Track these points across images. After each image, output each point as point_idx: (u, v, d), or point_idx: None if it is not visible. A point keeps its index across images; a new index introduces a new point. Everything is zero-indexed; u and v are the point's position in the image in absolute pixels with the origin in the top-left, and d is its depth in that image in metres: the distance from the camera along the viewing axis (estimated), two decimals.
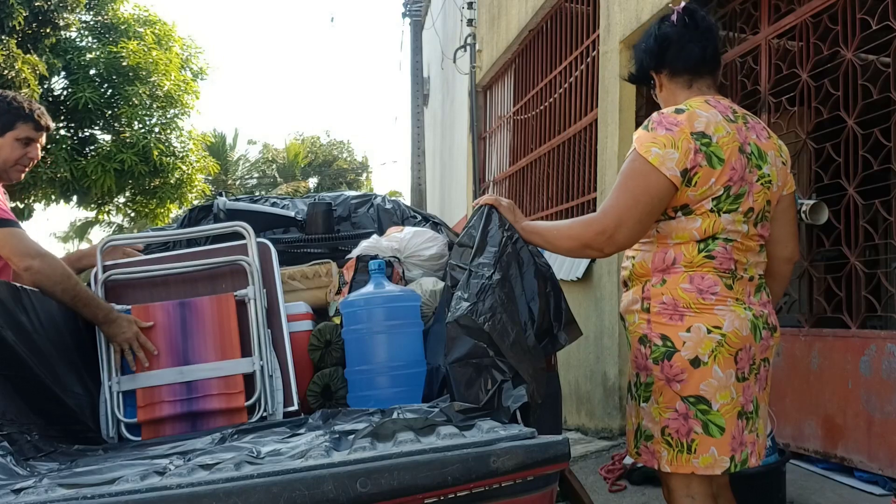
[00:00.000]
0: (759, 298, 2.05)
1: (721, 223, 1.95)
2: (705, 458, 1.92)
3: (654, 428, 1.99)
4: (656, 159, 1.90)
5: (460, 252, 2.42)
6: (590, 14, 5.78)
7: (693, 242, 1.96)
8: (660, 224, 2.01)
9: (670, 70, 2.11)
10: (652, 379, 1.98)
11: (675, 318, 1.94)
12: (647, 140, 1.94)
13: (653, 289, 1.99)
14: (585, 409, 5.27)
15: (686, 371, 1.91)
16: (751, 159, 1.99)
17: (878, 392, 3.30)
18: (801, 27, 3.86)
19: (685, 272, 1.95)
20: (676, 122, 1.94)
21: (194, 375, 2.51)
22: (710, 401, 1.91)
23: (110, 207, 13.27)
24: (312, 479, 1.37)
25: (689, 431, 1.93)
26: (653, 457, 2.02)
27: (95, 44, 12.01)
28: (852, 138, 3.59)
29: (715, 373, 1.90)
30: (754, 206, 2.00)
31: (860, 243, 3.60)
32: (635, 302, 2.04)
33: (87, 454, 2.15)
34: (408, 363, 2.48)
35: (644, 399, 2.02)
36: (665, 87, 2.14)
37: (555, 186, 6.42)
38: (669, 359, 1.94)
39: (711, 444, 1.91)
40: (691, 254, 1.96)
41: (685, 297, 1.94)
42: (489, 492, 1.47)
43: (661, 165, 1.90)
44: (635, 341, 2.03)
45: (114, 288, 2.64)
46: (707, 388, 1.91)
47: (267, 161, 28.28)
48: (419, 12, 12.69)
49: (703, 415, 1.91)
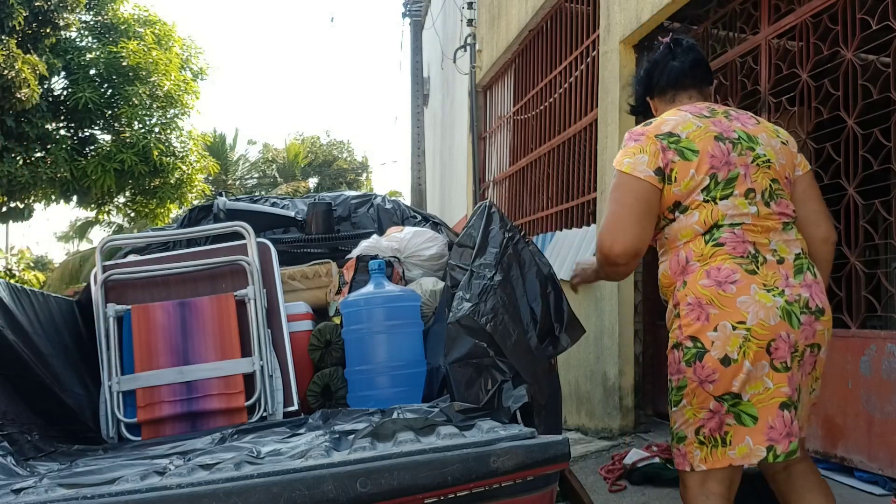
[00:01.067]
0: (802, 280, 2.01)
1: (719, 210, 1.99)
2: (741, 448, 1.91)
3: (688, 429, 2.00)
4: (628, 167, 2.04)
5: (461, 252, 2.42)
6: (590, 14, 5.78)
7: (699, 236, 2.00)
8: (665, 230, 2.08)
9: (658, 90, 2.28)
10: (685, 381, 1.98)
11: (703, 318, 1.94)
12: (620, 156, 2.10)
13: (678, 293, 2.02)
14: (585, 409, 5.27)
15: (717, 371, 1.92)
16: (738, 144, 2.05)
17: (878, 392, 3.30)
18: (801, 27, 3.86)
19: (700, 267, 1.98)
20: (642, 132, 2.10)
21: (194, 375, 2.51)
22: (741, 394, 1.91)
23: (110, 207, 13.27)
24: (312, 479, 1.37)
25: (723, 425, 1.94)
26: (684, 459, 2.02)
27: (95, 44, 12.02)
28: (852, 138, 3.59)
29: (745, 367, 1.90)
30: (754, 186, 2.02)
31: (860, 243, 3.60)
32: (671, 312, 2.07)
33: (87, 454, 2.15)
34: (408, 363, 2.48)
35: (675, 403, 2.04)
36: (658, 110, 2.29)
37: (555, 186, 6.42)
38: (701, 360, 1.94)
39: (745, 433, 1.91)
40: (699, 247, 1.99)
41: (706, 292, 1.95)
42: (489, 492, 1.47)
43: (633, 171, 2.03)
44: (671, 350, 2.04)
45: (114, 288, 2.64)
46: (738, 382, 1.91)
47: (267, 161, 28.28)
48: (419, 12, 12.69)
49: (734, 407, 1.92)
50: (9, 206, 11.45)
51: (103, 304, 2.59)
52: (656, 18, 4.54)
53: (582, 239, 5.57)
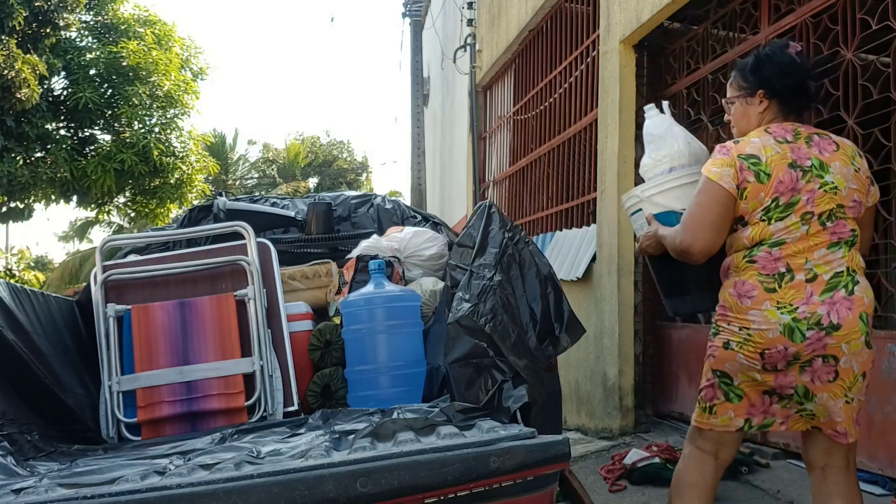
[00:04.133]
0: (829, 297, 2.24)
1: (769, 230, 2.23)
2: (723, 418, 2.32)
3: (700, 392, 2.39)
4: (715, 175, 2.26)
5: (461, 252, 2.42)
6: (590, 14, 5.78)
7: (743, 250, 2.27)
8: (728, 238, 2.32)
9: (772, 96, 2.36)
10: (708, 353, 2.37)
11: (724, 318, 2.31)
12: (709, 164, 2.31)
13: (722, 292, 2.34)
14: (585, 409, 5.27)
15: (718, 349, 2.30)
16: (808, 172, 2.25)
17: (878, 392, 3.30)
18: (801, 27, 3.86)
19: (733, 278, 2.28)
20: (729, 149, 2.30)
21: (194, 375, 2.51)
22: (733, 378, 2.28)
23: (110, 207, 13.27)
24: (312, 479, 1.37)
25: (713, 397, 2.33)
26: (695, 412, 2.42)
27: (95, 44, 12.02)
28: (852, 138, 3.59)
29: (738, 359, 2.25)
30: (815, 210, 2.24)
31: None
32: None
33: (87, 454, 2.15)
34: (408, 363, 2.48)
35: None
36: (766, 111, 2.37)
37: (555, 186, 6.42)
38: (714, 338, 2.33)
39: (730, 408, 2.31)
40: (738, 260, 2.28)
41: (730, 300, 2.27)
42: (489, 492, 1.47)
43: (719, 179, 2.25)
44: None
45: (114, 288, 2.64)
46: (730, 367, 2.27)
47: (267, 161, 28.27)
48: (419, 12, 12.69)
49: (725, 386, 2.30)
50: (9, 206, 11.45)
51: (103, 304, 2.59)
52: (656, 18, 4.54)
53: (582, 239, 5.57)
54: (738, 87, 2.42)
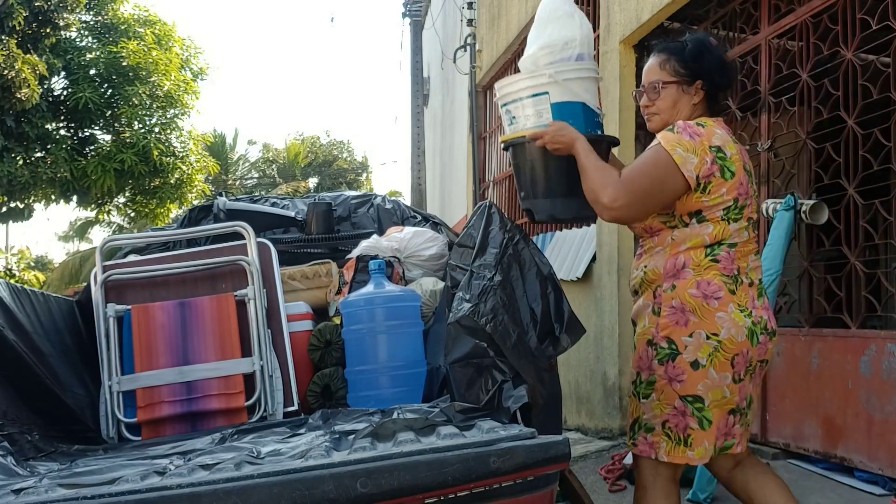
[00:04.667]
0: (762, 303, 2.18)
1: (729, 230, 2.12)
2: (699, 450, 2.13)
3: (656, 421, 2.16)
4: (679, 158, 2.07)
5: (461, 253, 2.42)
6: (590, 14, 5.78)
7: (702, 248, 2.12)
8: (675, 232, 2.16)
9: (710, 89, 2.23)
10: (655, 378, 2.15)
11: (681, 323, 2.10)
12: (673, 140, 2.09)
13: (664, 294, 2.14)
14: (585, 409, 5.27)
15: (686, 372, 2.10)
16: (750, 176, 2.21)
17: (878, 392, 3.30)
18: (801, 27, 3.86)
19: (693, 277, 2.10)
20: (699, 133, 2.11)
21: (194, 375, 2.51)
22: (704, 398, 2.10)
23: (110, 207, 13.27)
24: (312, 479, 1.37)
25: (686, 427, 2.12)
26: (651, 448, 2.18)
27: (95, 44, 12.01)
28: (852, 138, 3.59)
29: (710, 374, 2.08)
30: (753, 215, 2.20)
31: (860, 243, 3.60)
32: (646, 307, 2.19)
33: (87, 454, 2.15)
34: (408, 363, 2.48)
35: (645, 396, 2.19)
36: (697, 102, 2.22)
37: None
38: (673, 360, 2.11)
39: (704, 437, 2.12)
40: (699, 257, 2.12)
41: (692, 301, 2.09)
42: (489, 492, 1.47)
43: (682, 165, 2.07)
44: (643, 343, 2.19)
45: (114, 288, 2.64)
46: (703, 388, 2.09)
47: (267, 161, 28.26)
48: (419, 12, 12.68)
49: (698, 412, 2.10)
50: (9, 206, 11.44)
51: (103, 304, 2.59)
52: (656, 18, 4.54)
53: (582, 239, 5.57)
54: (675, 72, 2.21)
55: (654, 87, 2.23)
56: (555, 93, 2.25)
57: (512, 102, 2.36)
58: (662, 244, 2.17)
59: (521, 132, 2.34)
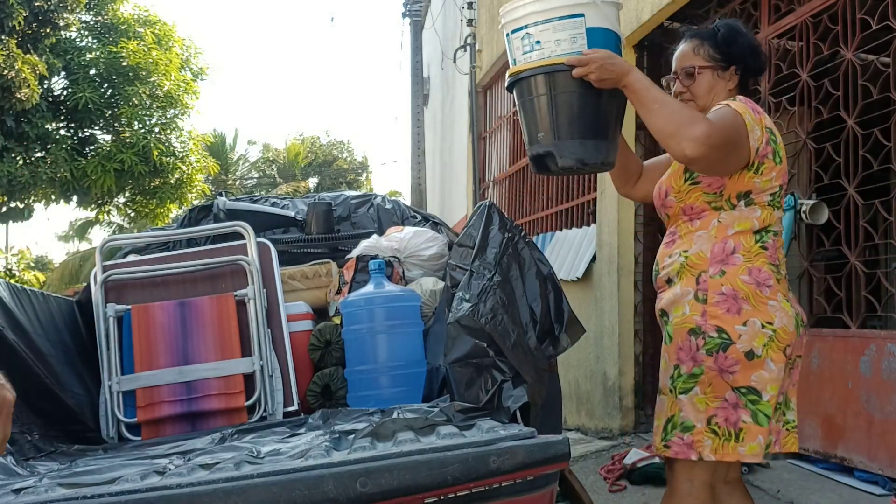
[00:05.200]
0: (794, 296, 2.12)
1: (774, 217, 2.04)
2: (752, 446, 1.96)
3: (699, 417, 2.00)
4: (749, 125, 1.97)
5: (461, 252, 2.42)
6: None
7: (751, 233, 2.01)
8: (721, 214, 2.05)
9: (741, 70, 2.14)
10: (701, 370, 1.99)
11: (734, 311, 1.97)
12: (741, 107, 2.00)
13: (711, 280, 2.00)
14: (585, 409, 5.27)
15: (740, 363, 1.95)
16: None
17: (878, 392, 3.30)
18: (801, 27, 3.86)
19: (744, 263, 1.99)
20: (758, 110, 2.03)
21: (194, 375, 2.51)
22: (761, 392, 1.96)
23: (110, 207, 13.27)
24: (312, 479, 1.37)
25: (738, 420, 1.96)
26: (689, 448, 2.00)
27: (95, 44, 12.01)
28: (852, 138, 3.59)
29: (767, 365, 1.96)
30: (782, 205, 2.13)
31: (860, 243, 3.60)
32: (686, 294, 2.04)
33: (87, 454, 2.15)
34: (408, 363, 2.48)
35: (684, 391, 2.03)
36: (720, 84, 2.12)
37: (555, 186, 6.42)
38: (725, 350, 1.96)
39: (758, 432, 1.95)
40: (749, 243, 2.01)
41: (745, 288, 1.98)
42: (489, 492, 1.47)
43: (750, 132, 1.97)
44: (683, 333, 2.03)
45: (114, 288, 2.64)
46: (758, 379, 1.95)
47: (267, 161, 28.26)
48: (419, 12, 12.67)
49: (752, 405, 1.95)
50: (9, 206, 11.44)
51: (103, 304, 2.59)
52: (656, 18, 4.54)
53: (582, 239, 5.57)
54: (710, 57, 2.12)
55: (688, 72, 2.12)
56: (592, 16, 1.96)
57: (535, 25, 1.99)
58: (707, 227, 2.05)
59: (553, 59, 1.97)
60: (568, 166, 2.03)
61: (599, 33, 1.98)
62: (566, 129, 2.01)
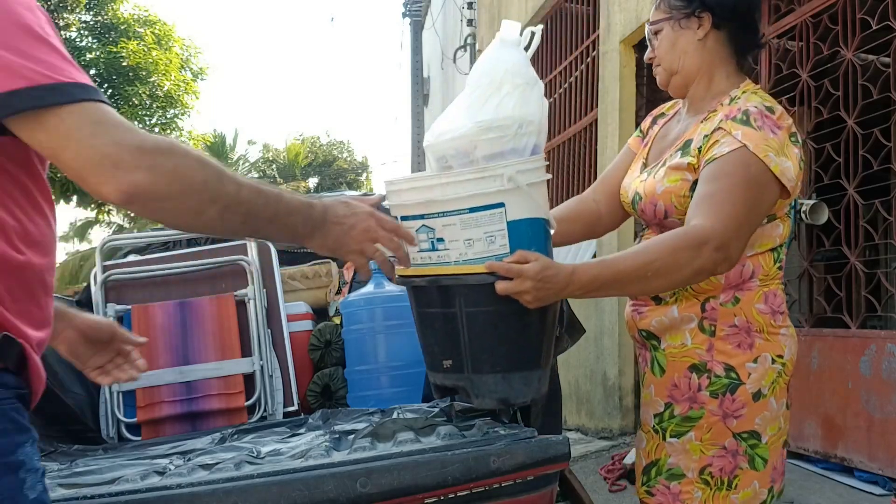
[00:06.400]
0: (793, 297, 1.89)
1: (790, 227, 1.72)
2: (745, 492, 1.67)
3: (691, 466, 1.68)
4: (777, 168, 1.55)
5: None
6: (590, 14, 5.78)
7: (770, 252, 1.68)
8: None
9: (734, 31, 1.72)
10: (701, 413, 1.66)
11: (745, 346, 1.65)
12: (760, 141, 1.56)
13: (721, 308, 1.65)
14: (585, 409, 5.27)
15: (747, 406, 1.64)
16: None
17: (878, 392, 3.30)
18: (801, 27, 3.86)
19: (760, 289, 1.67)
20: (778, 124, 1.61)
21: (194, 375, 2.51)
22: (762, 434, 1.67)
23: (110, 207, 13.28)
24: (312, 479, 1.37)
25: (735, 469, 1.66)
26: (675, 499, 1.70)
27: (95, 44, 12.03)
28: (852, 138, 3.59)
29: (770, 405, 1.67)
30: None
31: (860, 243, 3.60)
32: (687, 321, 1.68)
33: (87, 454, 2.15)
34: (408, 363, 2.48)
35: (675, 434, 1.70)
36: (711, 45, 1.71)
37: (555, 186, 6.42)
38: (733, 392, 1.64)
39: (754, 478, 1.67)
40: (768, 265, 1.68)
41: (760, 319, 1.65)
42: (489, 492, 1.47)
43: (781, 176, 1.56)
44: (680, 368, 1.68)
45: (114, 288, 2.64)
46: (761, 421, 1.66)
47: (267, 161, 28.28)
48: (419, 12, 12.68)
49: (752, 449, 1.66)
50: None
51: (103, 304, 2.59)
52: None
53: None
54: (670, 6, 1.71)
55: (652, 32, 1.76)
56: (515, 204, 1.45)
57: (436, 217, 1.47)
58: None
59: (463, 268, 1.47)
60: (486, 407, 1.60)
61: (525, 227, 1.47)
62: (482, 359, 1.52)
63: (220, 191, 1.12)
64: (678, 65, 1.72)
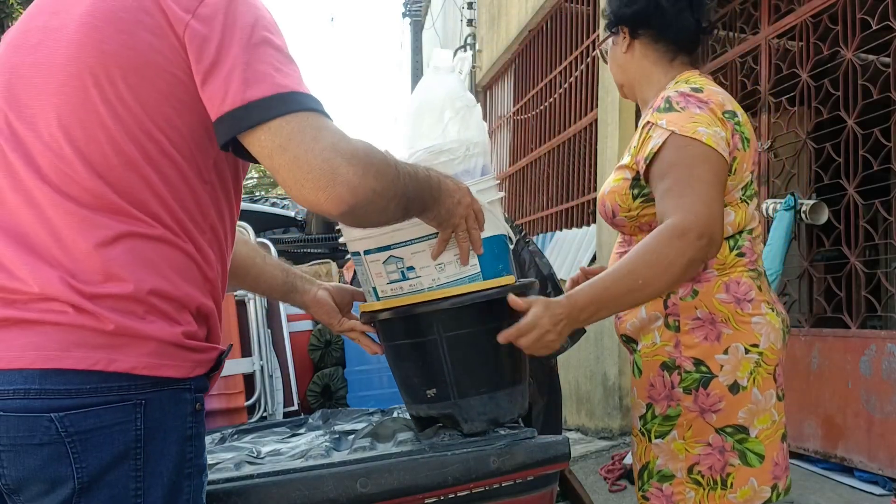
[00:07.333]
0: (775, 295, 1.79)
1: (748, 213, 1.68)
2: (743, 491, 1.63)
3: (678, 466, 1.67)
4: (710, 139, 1.54)
5: None
6: (590, 14, 5.78)
7: (724, 240, 1.63)
8: None
9: (654, 36, 1.74)
10: (678, 410, 1.65)
11: (712, 338, 1.63)
12: (685, 121, 1.57)
13: (681, 302, 1.65)
14: (585, 409, 5.27)
15: (724, 399, 1.62)
16: None
17: (878, 392, 3.30)
18: (801, 27, 3.86)
19: (718, 279, 1.64)
20: (704, 100, 1.61)
21: None
22: (749, 427, 1.63)
23: None
24: (312, 479, 1.36)
25: (725, 465, 1.63)
26: (669, 501, 1.68)
27: None
28: (852, 138, 3.59)
29: (754, 396, 1.63)
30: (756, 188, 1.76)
31: (860, 243, 3.60)
32: (653, 320, 1.69)
33: None
34: None
35: (659, 435, 1.69)
36: (638, 53, 1.76)
37: (555, 186, 6.42)
38: (706, 386, 1.62)
39: (750, 474, 1.63)
40: (723, 253, 1.64)
41: (723, 309, 1.63)
42: (489, 492, 1.47)
43: (717, 146, 1.54)
44: (654, 367, 1.69)
45: None
46: (745, 414, 1.62)
47: None
48: (419, 12, 12.68)
49: (740, 444, 1.63)
50: None
51: None
52: None
53: (582, 239, 5.57)
54: (605, 29, 1.79)
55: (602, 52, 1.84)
56: None
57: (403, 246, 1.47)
58: None
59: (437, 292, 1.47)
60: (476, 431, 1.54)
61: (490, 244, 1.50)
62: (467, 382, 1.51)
63: (399, 186, 1.14)
64: (621, 77, 1.81)
